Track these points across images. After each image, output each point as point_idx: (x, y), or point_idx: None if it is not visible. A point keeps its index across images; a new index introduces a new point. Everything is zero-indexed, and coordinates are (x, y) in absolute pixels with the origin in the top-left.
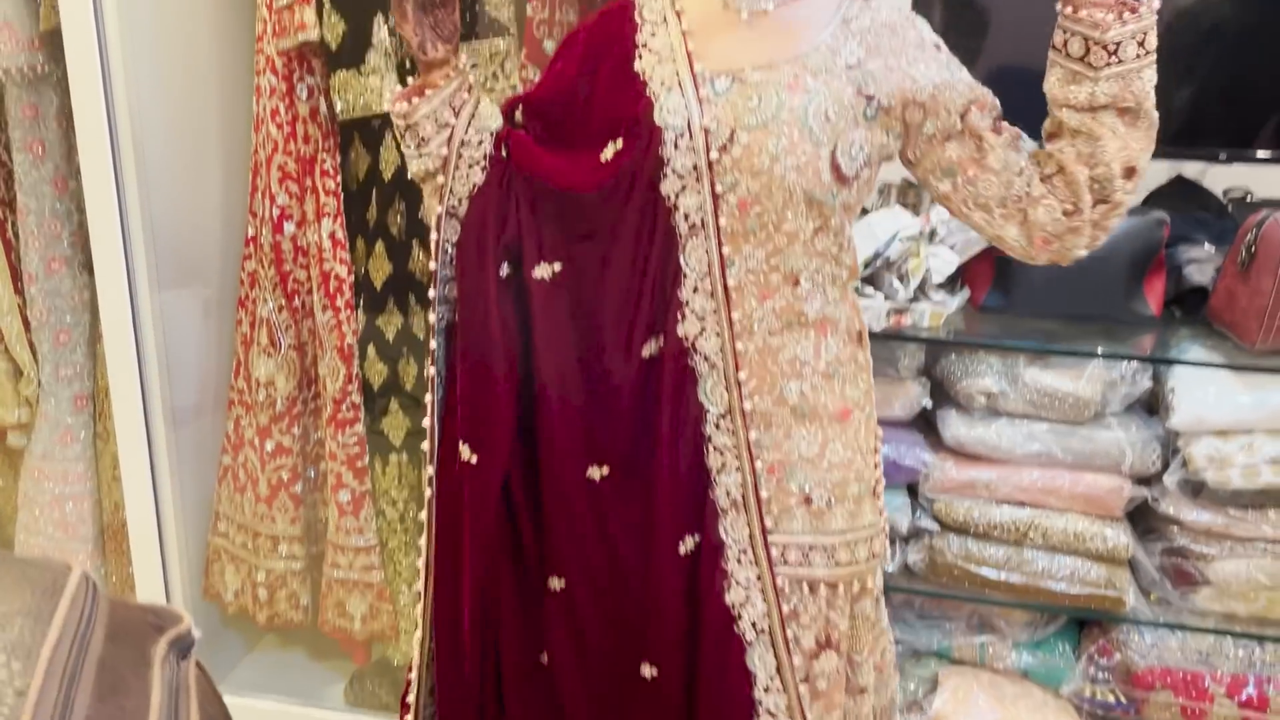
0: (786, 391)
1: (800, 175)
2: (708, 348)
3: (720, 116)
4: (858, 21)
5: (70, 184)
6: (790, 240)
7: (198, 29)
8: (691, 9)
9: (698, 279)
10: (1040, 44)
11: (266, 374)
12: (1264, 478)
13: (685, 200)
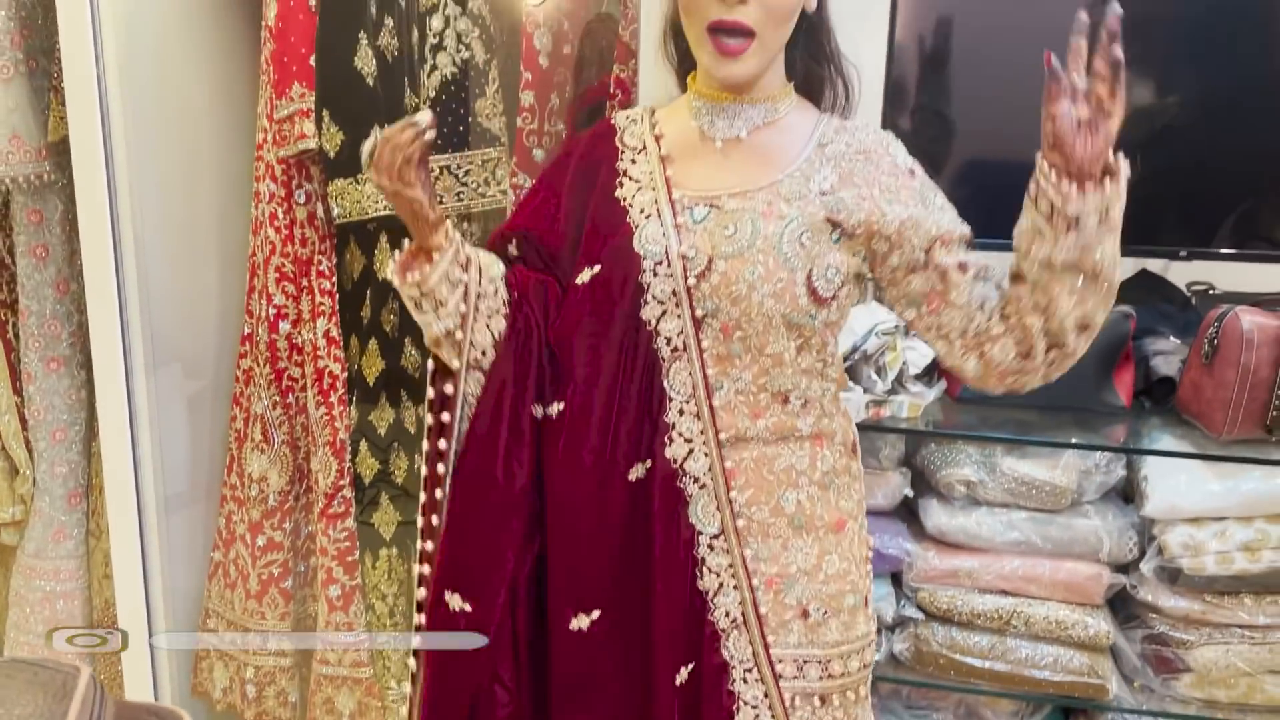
0: (784, 501)
1: (778, 301)
2: (696, 469)
3: (698, 244)
4: (832, 146)
5: (71, 286)
6: (775, 362)
7: (199, 139)
8: (670, 134)
9: (683, 401)
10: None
11: (259, 469)
12: (1238, 564)
13: (666, 325)
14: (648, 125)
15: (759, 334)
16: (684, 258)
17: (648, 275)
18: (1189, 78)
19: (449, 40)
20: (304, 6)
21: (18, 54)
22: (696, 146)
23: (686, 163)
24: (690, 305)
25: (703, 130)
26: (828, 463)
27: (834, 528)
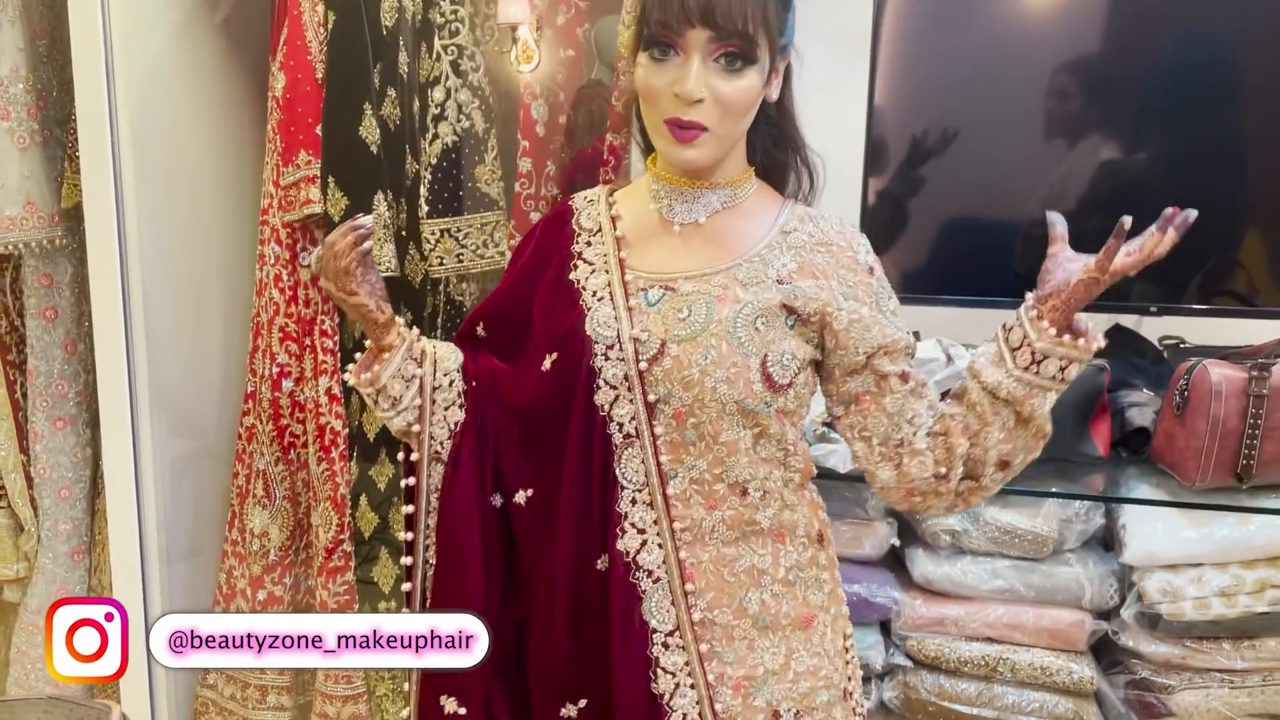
0: (746, 602)
1: (731, 386)
2: (650, 561)
3: (650, 327)
4: (795, 235)
5: (79, 347)
6: (730, 450)
7: (207, 204)
8: (628, 216)
9: (635, 490)
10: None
11: (261, 525)
12: (1215, 609)
13: (618, 410)
14: (604, 206)
15: (712, 420)
16: (636, 341)
17: (599, 359)
18: (1157, 136)
19: (450, 110)
20: (311, 78)
21: (34, 124)
22: (655, 229)
23: (643, 246)
24: (642, 390)
25: (661, 213)
26: (791, 558)
27: (801, 624)
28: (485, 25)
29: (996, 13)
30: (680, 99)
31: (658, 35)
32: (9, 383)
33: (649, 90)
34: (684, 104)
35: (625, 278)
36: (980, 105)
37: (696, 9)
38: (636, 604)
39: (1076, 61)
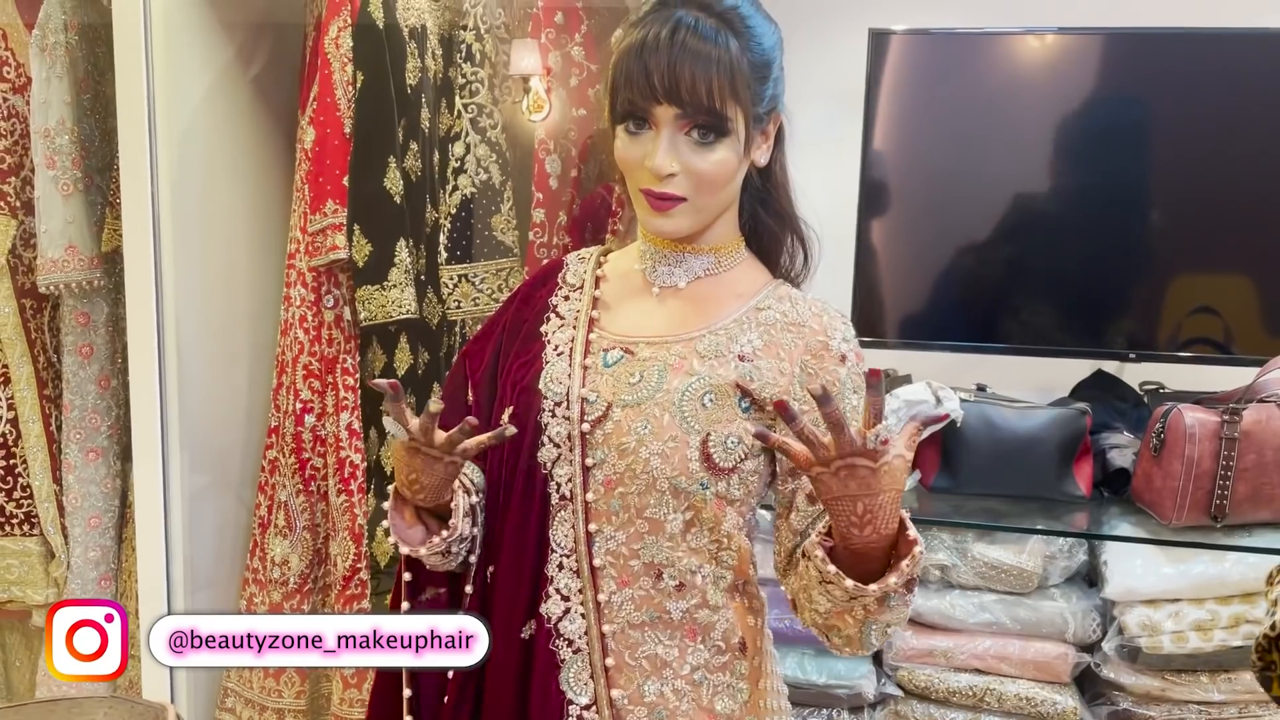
0: (644, 690)
1: (665, 462)
2: (571, 630)
3: (600, 389)
4: (768, 313)
5: (112, 382)
6: (653, 528)
7: (238, 249)
8: (614, 276)
9: (563, 555)
10: None
11: (281, 553)
12: (1192, 643)
13: (558, 470)
14: (593, 264)
15: (640, 494)
16: (583, 400)
17: (546, 415)
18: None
19: (469, 164)
20: (339, 133)
21: (77, 173)
22: (636, 290)
23: (620, 305)
24: (582, 452)
25: (644, 275)
26: (700, 657)
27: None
28: (503, 85)
29: (987, 69)
30: (652, 172)
31: (628, 109)
32: (44, 416)
33: (625, 162)
34: (655, 178)
35: (589, 335)
36: (971, 159)
37: (661, 87)
38: (555, 672)
39: (1065, 116)
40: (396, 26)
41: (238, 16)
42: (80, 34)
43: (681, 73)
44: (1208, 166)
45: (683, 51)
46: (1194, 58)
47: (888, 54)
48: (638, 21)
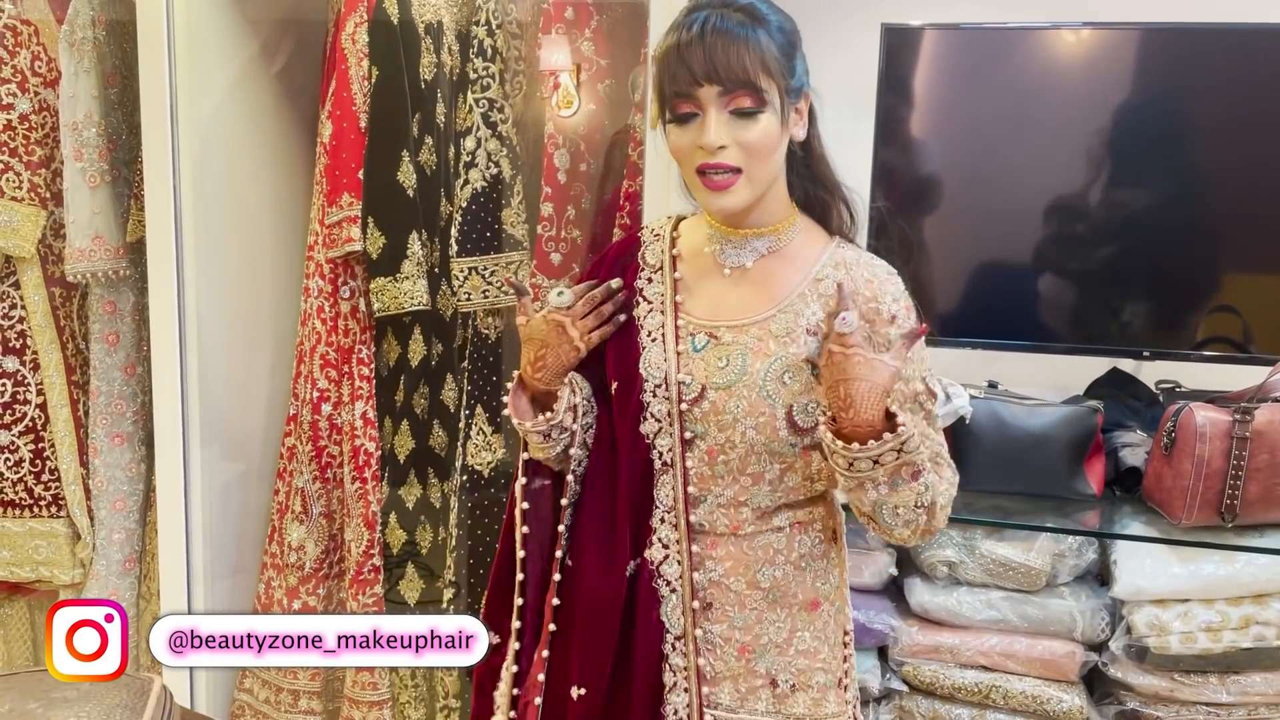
0: (760, 576)
1: (759, 432)
2: (670, 574)
3: (694, 372)
4: (825, 284)
5: (138, 369)
6: (755, 481)
7: (258, 241)
8: (687, 256)
9: (664, 511)
10: None
11: (298, 538)
12: (1201, 644)
13: (660, 441)
14: (668, 242)
15: (741, 459)
16: (680, 384)
17: (648, 395)
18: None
19: (480, 158)
20: (355, 127)
21: (104, 165)
22: (709, 270)
23: (698, 287)
24: (680, 427)
25: (715, 256)
26: (805, 546)
27: (808, 606)
28: (514, 80)
29: (1001, 64)
30: (704, 149)
31: (675, 103)
32: (72, 401)
33: (679, 151)
34: (709, 153)
35: (678, 322)
36: (985, 155)
37: (701, 70)
38: (656, 605)
39: (1079, 112)
40: (412, 22)
41: (261, 13)
42: (108, 29)
43: (716, 55)
44: (1230, 164)
45: (715, 37)
46: (1213, 53)
47: (901, 49)
48: (670, 29)
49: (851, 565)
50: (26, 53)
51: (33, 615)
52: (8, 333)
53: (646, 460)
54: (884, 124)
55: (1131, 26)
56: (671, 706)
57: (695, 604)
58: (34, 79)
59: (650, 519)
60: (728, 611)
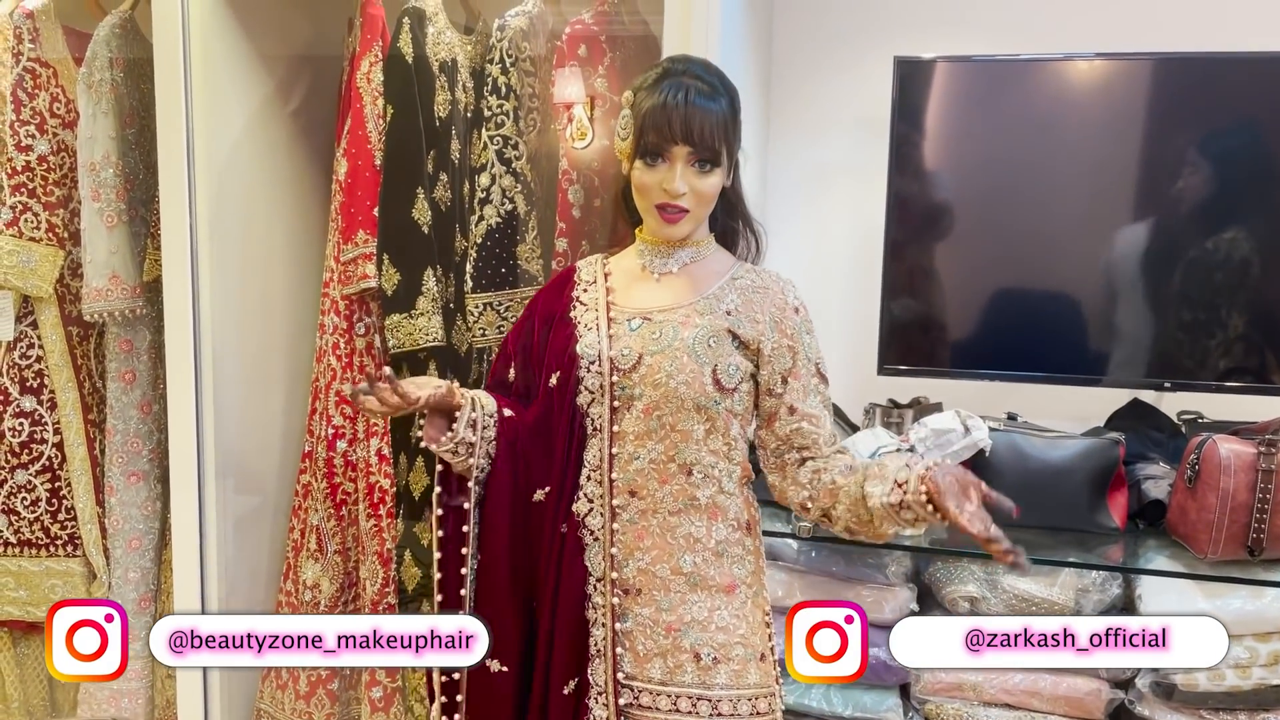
0: (682, 562)
1: (689, 388)
2: (594, 524)
3: (631, 345)
4: (741, 281)
5: (154, 408)
6: (684, 438)
7: (274, 278)
8: (618, 271)
9: (590, 469)
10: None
11: (313, 576)
12: (1229, 681)
13: (593, 410)
14: (600, 266)
15: (673, 413)
16: (612, 359)
17: (582, 371)
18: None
19: (495, 194)
20: (370, 165)
21: (121, 205)
22: (638, 277)
23: (628, 289)
24: (610, 396)
25: (644, 266)
26: (720, 534)
27: (725, 589)
28: (528, 117)
29: (1013, 96)
30: (668, 192)
31: (651, 148)
32: (89, 440)
33: (643, 186)
34: (671, 196)
35: (610, 314)
36: (999, 186)
37: (680, 132)
38: (581, 552)
39: (1091, 142)
40: (426, 60)
41: (278, 51)
42: (126, 70)
43: (693, 122)
44: (1247, 193)
45: (694, 108)
46: (1226, 82)
47: (914, 81)
48: (651, 87)
49: (872, 601)
50: (45, 94)
51: None
52: (25, 372)
53: (580, 429)
54: (898, 155)
55: (1144, 57)
56: (593, 639)
57: (614, 550)
58: (52, 120)
59: (578, 477)
60: (654, 596)
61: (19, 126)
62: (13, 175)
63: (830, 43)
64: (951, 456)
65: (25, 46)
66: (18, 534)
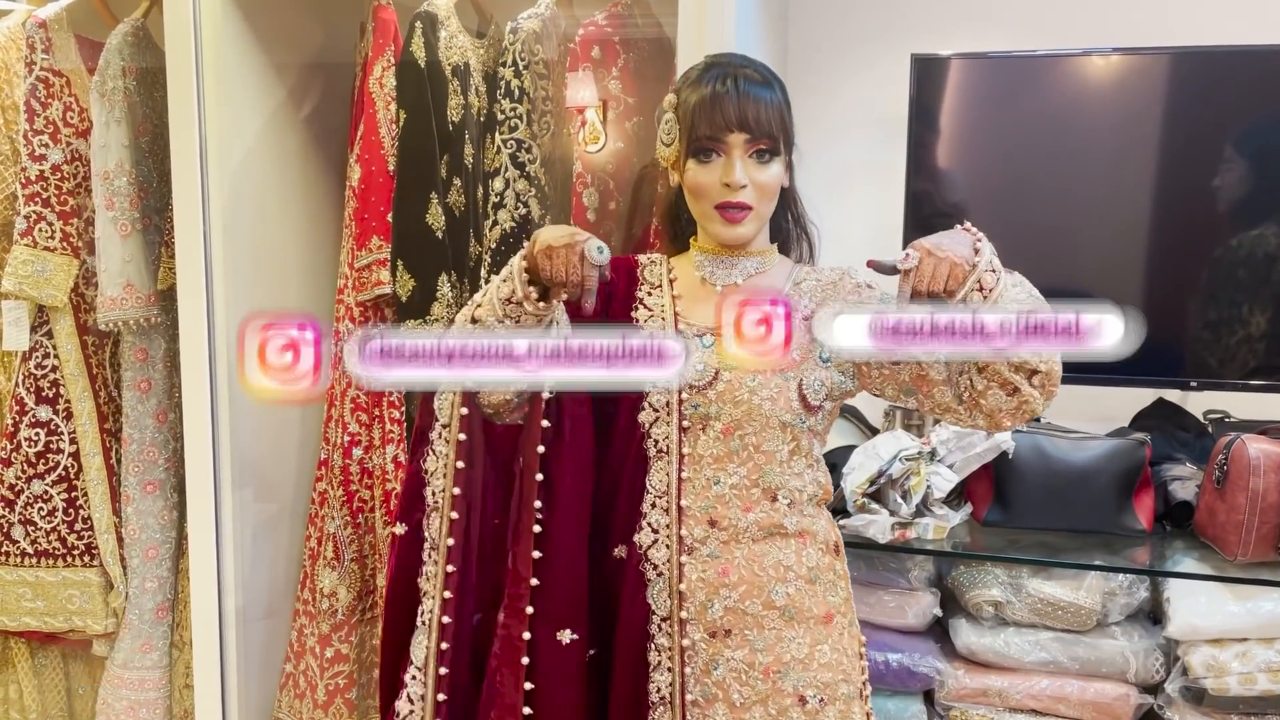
0: (775, 595)
1: (774, 404)
2: (658, 558)
3: (706, 361)
4: (805, 284)
5: (169, 416)
6: (768, 460)
7: (288, 285)
8: (681, 278)
9: (656, 497)
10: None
11: (330, 585)
12: (1261, 685)
13: (656, 430)
14: (665, 268)
15: (756, 433)
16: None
17: (647, 385)
18: (1192, 215)
19: (509, 199)
20: (384, 171)
21: (135, 213)
22: (699, 291)
23: (693, 302)
24: (679, 414)
25: (704, 278)
26: (812, 559)
27: (823, 620)
28: (542, 120)
29: (1031, 93)
30: (729, 188)
31: (704, 143)
32: (105, 449)
33: (699, 186)
34: (732, 190)
35: (679, 327)
36: (1017, 182)
37: (736, 118)
38: (644, 588)
39: (1113, 138)
40: (439, 65)
41: (290, 58)
42: (139, 79)
43: (748, 107)
44: (1272, 188)
45: (747, 93)
46: (1243, 76)
47: (931, 79)
48: (695, 82)
49: (895, 606)
50: (59, 104)
51: (67, 665)
52: (41, 382)
53: (640, 450)
54: (915, 152)
55: (1162, 51)
56: (655, 685)
57: (682, 587)
58: (65, 129)
59: (641, 504)
60: (747, 636)
61: (33, 136)
62: (27, 185)
63: (847, 42)
64: (974, 458)
65: (38, 56)
66: (34, 544)
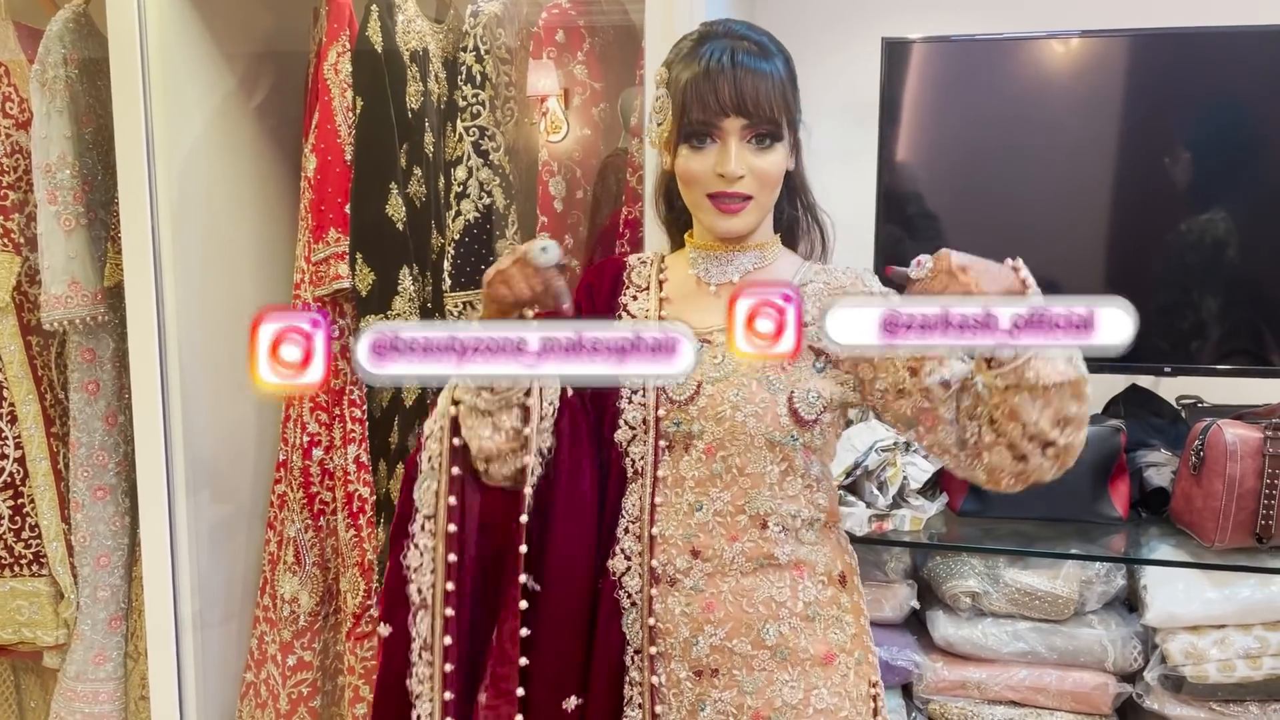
0: (765, 634)
1: (759, 421)
2: (631, 586)
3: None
4: (811, 286)
5: (119, 419)
6: (755, 483)
7: (242, 280)
8: (673, 280)
9: (629, 521)
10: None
11: (291, 590)
12: (1240, 672)
13: (634, 449)
14: (655, 269)
15: (740, 454)
16: (660, 390)
17: (623, 401)
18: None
19: (472, 188)
20: (340, 160)
21: (79, 208)
22: (694, 291)
23: (683, 305)
24: (656, 433)
25: (699, 277)
26: (809, 594)
27: (821, 661)
28: (505, 107)
29: (1004, 76)
30: (724, 178)
31: (697, 127)
32: (52, 454)
33: (691, 175)
34: (727, 181)
35: None
36: (991, 167)
37: (731, 102)
38: (618, 616)
39: (1087, 122)
40: (396, 51)
41: (239, 47)
42: (81, 68)
43: (745, 88)
44: (1242, 169)
45: (744, 71)
46: (1212, 57)
47: (902, 63)
48: (688, 55)
49: (871, 599)
50: None
51: (18, 678)
52: None
53: (620, 470)
54: (886, 138)
55: (1126, 34)
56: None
57: (651, 620)
58: (5, 121)
59: (615, 529)
60: (735, 677)
61: None
62: None
63: (816, 27)
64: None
65: None
66: None
